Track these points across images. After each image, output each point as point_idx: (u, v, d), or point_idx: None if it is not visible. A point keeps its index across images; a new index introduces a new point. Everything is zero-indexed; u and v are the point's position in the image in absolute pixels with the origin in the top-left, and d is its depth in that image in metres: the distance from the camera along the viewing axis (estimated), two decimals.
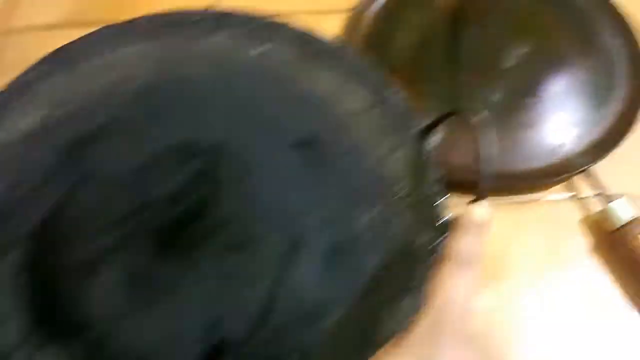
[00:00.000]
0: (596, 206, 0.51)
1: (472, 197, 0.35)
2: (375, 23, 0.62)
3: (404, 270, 0.37)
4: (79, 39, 0.45)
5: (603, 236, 0.50)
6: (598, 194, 0.51)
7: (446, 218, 0.36)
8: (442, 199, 0.37)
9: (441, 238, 0.36)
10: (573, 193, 0.53)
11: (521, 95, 0.56)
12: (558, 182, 0.53)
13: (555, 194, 0.53)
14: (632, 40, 0.58)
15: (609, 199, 0.50)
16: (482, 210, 0.35)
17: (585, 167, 0.52)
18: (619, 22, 0.59)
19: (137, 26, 0.45)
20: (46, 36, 0.68)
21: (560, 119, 0.55)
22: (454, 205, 0.37)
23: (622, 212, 0.48)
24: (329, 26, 0.62)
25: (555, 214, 0.52)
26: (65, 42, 0.45)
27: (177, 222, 0.37)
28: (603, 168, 0.52)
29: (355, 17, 0.62)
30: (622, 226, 0.48)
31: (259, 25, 0.43)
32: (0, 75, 0.47)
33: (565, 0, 0.61)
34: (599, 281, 0.49)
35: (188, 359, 0.35)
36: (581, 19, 0.60)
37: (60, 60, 0.44)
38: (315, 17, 0.64)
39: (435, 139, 0.38)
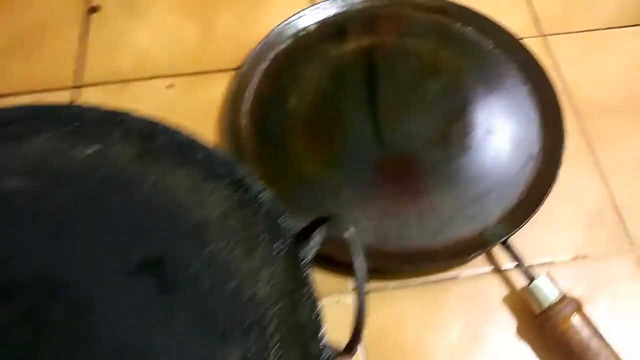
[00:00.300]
0: (519, 279, 0.45)
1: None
2: (265, 80, 0.54)
3: None
4: None
5: (529, 318, 0.44)
6: (520, 266, 0.44)
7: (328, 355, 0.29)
8: (321, 329, 0.30)
9: None
10: (493, 267, 0.47)
11: (427, 156, 0.50)
12: (475, 257, 0.47)
13: (474, 268, 0.47)
14: (543, 86, 0.53)
15: (532, 273, 0.43)
16: None
17: (505, 237, 0.46)
18: (531, 68, 0.54)
19: None
20: None
21: (473, 181, 0.49)
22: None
23: (548, 291, 0.42)
24: (215, 86, 0.55)
25: (474, 292, 0.46)
26: None
27: None
28: (524, 235, 0.46)
29: (242, 76, 0.54)
30: (550, 307, 0.42)
31: (91, 121, 0.35)
32: None
33: (476, 46, 0.56)
34: None
35: None
36: (492, 65, 0.55)
37: None
38: (201, 78, 0.57)
39: (313, 245, 0.32)
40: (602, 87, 0.56)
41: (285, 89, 0.54)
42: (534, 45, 0.58)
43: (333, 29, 0.58)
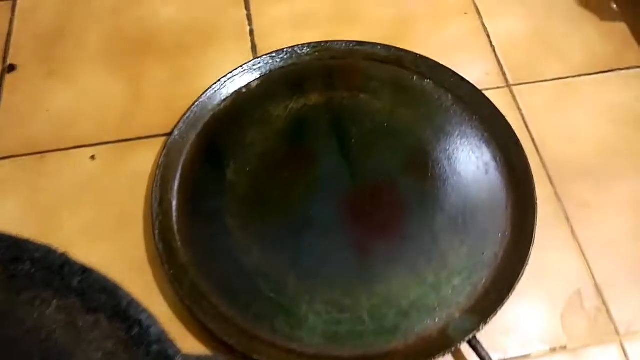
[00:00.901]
0: None
1: None
2: (199, 150, 0.48)
3: None
4: None
5: None
6: None
7: None
8: None
9: None
10: None
11: (383, 237, 0.44)
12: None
13: None
14: (510, 150, 0.47)
15: None
16: None
17: (472, 334, 0.39)
18: (496, 127, 0.49)
19: None
20: None
21: (434, 264, 0.42)
22: None
23: None
24: (143, 156, 0.48)
25: None
26: None
27: None
28: (494, 323, 0.40)
29: (172, 146, 0.47)
30: None
31: None
32: None
33: (435, 103, 0.50)
34: None
35: None
36: (451, 126, 0.49)
37: None
38: (128, 146, 0.49)
39: None
40: (574, 143, 0.50)
41: (222, 159, 0.47)
42: (499, 96, 0.53)
43: (279, 86, 0.51)
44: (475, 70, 0.54)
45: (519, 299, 0.42)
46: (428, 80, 0.51)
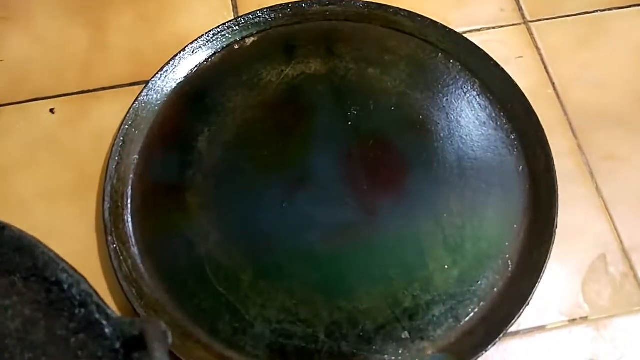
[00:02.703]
0: None
1: None
2: (172, 109, 0.41)
3: None
4: None
5: None
6: None
7: None
8: None
9: None
10: None
11: (354, 242, 0.37)
12: None
13: None
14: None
15: None
16: None
17: None
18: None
19: None
20: None
21: (413, 284, 0.35)
22: None
23: None
24: (108, 108, 0.42)
25: None
26: None
27: None
28: None
29: (143, 101, 0.41)
30: None
31: None
32: None
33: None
34: None
35: None
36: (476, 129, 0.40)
37: None
38: (90, 97, 0.43)
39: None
40: (600, 88, 0.43)
41: (196, 123, 0.41)
42: (515, 35, 0.46)
43: (277, 47, 0.44)
44: (488, 5, 0.47)
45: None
46: (455, 62, 0.43)
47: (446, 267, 0.36)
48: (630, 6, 0.47)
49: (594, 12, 0.47)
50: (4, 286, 0.22)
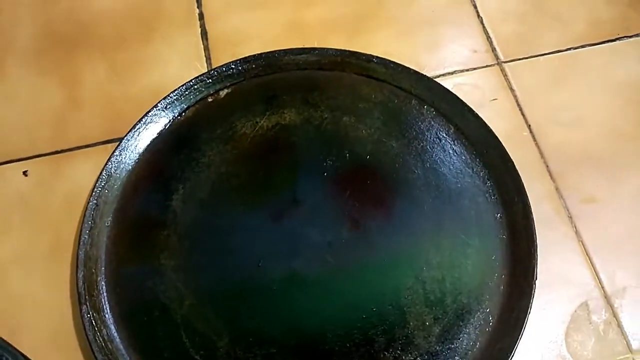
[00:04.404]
0: None
1: None
2: (145, 166, 0.41)
3: None
4: None
5: None
6: None
7: None
8: None
9: None
10: None
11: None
12: None
13: None
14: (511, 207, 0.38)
15: None
16: None
17: None
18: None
19: None
20: None
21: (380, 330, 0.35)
22: None
23: None
24: (81, 168, 0.41)
25: None
26: None
27: None
28: None
29: (115, 160, 0.40)
30: None
31: None
32: None
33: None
34: None
35: None
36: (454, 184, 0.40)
37: None
38: (64, 157, 0.42)
39: None
40: (576, 127, 0.43)
41: (170, 181, 0.40)
42: (489, 76, 0.46)
43: (251, 98, 0.44)
44: (460, 47, 0.47)
45: None
46: (429, 108, 0.43)
47: (427, 324, 0.35)
48: (602, 42, 0.48)
49: (567, 49, 0.47)
50: None
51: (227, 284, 0.37)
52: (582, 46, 0.47)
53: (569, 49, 0.47)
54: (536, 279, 0.36)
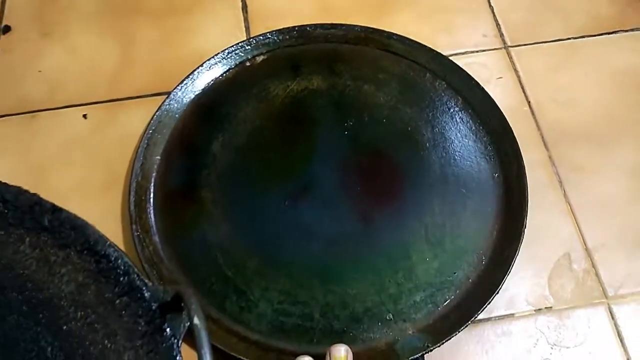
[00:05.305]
0: None
1: None
2: (191, 117, 0.47)
3: None
4: None
5: None
6: None
7: None
8: None
9: None
10: None
11: (350, 232, 0.42)
12: None
13: None
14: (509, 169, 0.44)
15: None
16: None
17: (419, 353, 0.37)
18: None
19: None
20: None
21: (399, 272, 0.40)
22: None
23: None
24: (134, 115, 0.47)
25: None
26: None
27: None
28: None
29: (165, 109, 0.46)
30: None
31: None
32: None
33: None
34: None
35: None
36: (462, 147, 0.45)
37: None
38: (118, 105, 0.49)
39: (184, 319, 0.26)
40: (572, 107, 0.49)
41: (211, 130, 0.47)
42: (496, 58, 0.51)
43: (283, 65, 0.50)
44: (472, 31, 0.53)
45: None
46: (440, 81, 0.48)
47: (427, 259, 0.41)
48: (601, 34, 0.53)
49: (568, 39, 0.53)
50: (61, 257, 0.27)
51: (257, 216, 0.43)
52: (582, 37, 0.53)
53: (570, 38, 0.53)
54: (525, 227, 0.41)
